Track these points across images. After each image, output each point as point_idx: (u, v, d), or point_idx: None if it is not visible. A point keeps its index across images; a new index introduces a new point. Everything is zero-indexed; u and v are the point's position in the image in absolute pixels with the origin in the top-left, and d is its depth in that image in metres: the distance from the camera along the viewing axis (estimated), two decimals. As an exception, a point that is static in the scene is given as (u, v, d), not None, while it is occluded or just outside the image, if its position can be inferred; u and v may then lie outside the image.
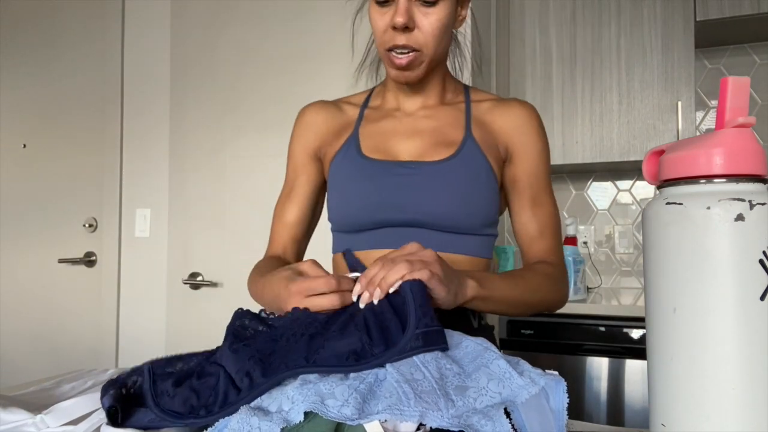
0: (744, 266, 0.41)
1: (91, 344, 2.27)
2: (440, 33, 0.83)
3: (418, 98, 0.93)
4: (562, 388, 0.52)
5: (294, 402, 0.48)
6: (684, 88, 2.00)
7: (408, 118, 0.93)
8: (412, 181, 0.86)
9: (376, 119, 0.94)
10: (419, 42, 0.82)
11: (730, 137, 0.43)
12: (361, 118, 0.95)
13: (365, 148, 0.91)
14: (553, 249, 0.91)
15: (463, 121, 0.91)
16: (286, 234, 0.99)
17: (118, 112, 2.26)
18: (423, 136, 0.90)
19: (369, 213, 0.87)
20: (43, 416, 0.57)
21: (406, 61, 0.83)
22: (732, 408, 0.41)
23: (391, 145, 0.91)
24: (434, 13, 0.81)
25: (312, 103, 1.00)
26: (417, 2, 0.81)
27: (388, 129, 0.92)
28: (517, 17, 2.20)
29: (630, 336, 1.78)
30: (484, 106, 0.93)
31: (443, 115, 0.92)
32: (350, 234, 0.91)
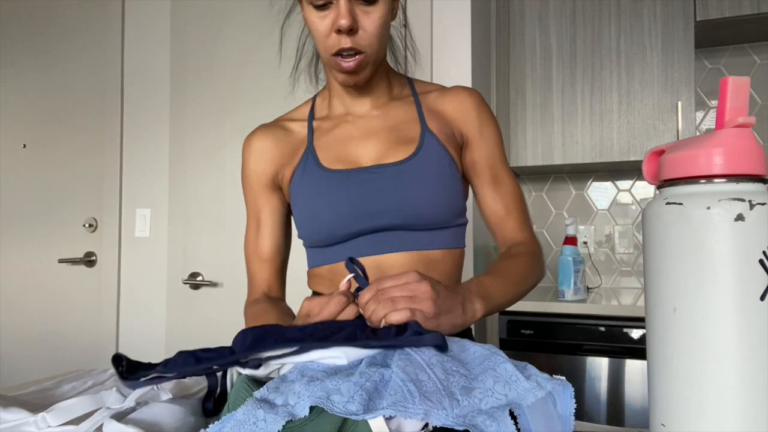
0: (744, 266, 0.41)
1: (91, 344, 2.27)
2: (383, 31, 0.82)
3: (367, 98, 0.91)
4: (570, 393, 0.52)
5: (300, 397, 0.48)
6: (684, 88, 2.00)
7: (360, 120, 0.91)
8: (378, 186, 0.85)
9: (327, 129, 0.92)
10: (364, 43, 0.80)
11: (730, 137, 0.43)
12: (311, 131, 0.92)
13: (324, 159, 0.89)
14: (522, 225, 0.92)
15: (416, 115, 0.90)
16: (266, 271, 0.97)
17: (118, 112, 2.26)
18: (379, 136, 0.89)
19: (341, 225, 0.86)
20: (44, 415, 0.57)
21: (354, 64, 0.81)
22: (732, 408, 0.41)
23: (349, 152, 0.89)
24: (375, 12, 0.80)
25: (255, 131, 0.96)
26: (357, 2, 0.79)
27: (342, 136, 0.90)
28: (517, 17, 2.20)
29: (630, 336, 1.78)
30: (432, 96, 0.92)
31: (395, 112, 0.91)
32: (326, 248, 0.90)
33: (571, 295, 1.90)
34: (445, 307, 0.66)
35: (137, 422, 0.56)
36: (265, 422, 0.45)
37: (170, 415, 0.59)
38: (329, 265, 0.90)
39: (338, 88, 0.91)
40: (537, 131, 2.17)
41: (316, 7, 0.79)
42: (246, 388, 0.54)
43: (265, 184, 0.94)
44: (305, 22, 0.84)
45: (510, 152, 2.20)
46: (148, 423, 0.57)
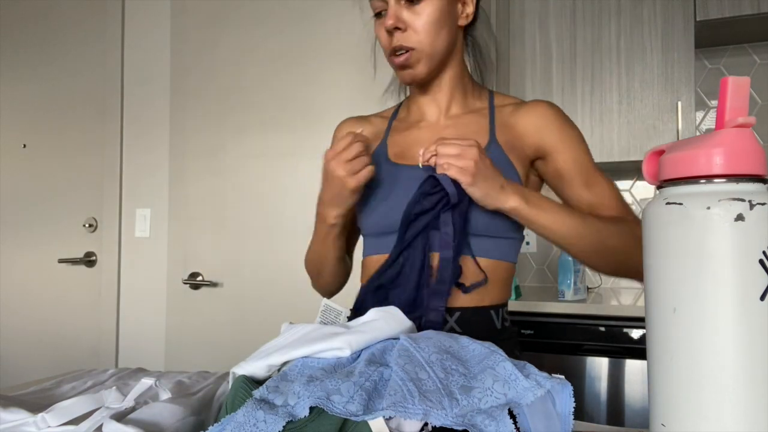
0: (744, 266, 0.41)
1: (91, 344, 2.27)
2: (432, 29, 0.86)
3: (440, 106, 0.96)
4: (569, 392, 0.52)
5: (300, 397, 0.48)
6: (684, 88, 2.00)
7: (432, 127, 0.95)
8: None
9: (402, 129, 0.98)
10: (412, 40, 0.86)
11: (730, 137, 0.43)
12: (389, 129, 0.99)
13: (392, 155, 0.94)
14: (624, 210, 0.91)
15: (487, 127, 0.92)
16: None
17: (118, 112, 2.26)
18: None
19: (391, 215, 0.88)
20: (44, 415, 0.57)
21: (402, 59, 0.87)
22: (732, 408, 0.41)
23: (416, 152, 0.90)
24: (421, 11, 0.85)
25: (345, 120, 1.05)
26: (404, 4, 0.85)
27: (413, 137, 0.95)
28: (517, 17, 2.20)
29: (630, 336, 1.78)
30: (507, 110, 0.94)
31: (467, 123, 0.94)
32: (378, 237, 0.93)
33: (571, 295, 1.89)
34: (484, 174, 0.77)
35: (137, 422, 0.56)
36: (266, 423, 0.45)
37: (170, 415, 0.59)
38: (378, 255, 0.92)
39: (415, 94, 0.98)
40: (537, 131, 2.16)
41: (376, 16, 0.89)
42: (245, 388, 0.54)
43: None
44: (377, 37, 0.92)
45: (510, 152, 2.20)
46: (148, 423, 0.57)
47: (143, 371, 0.91)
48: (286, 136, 2.02)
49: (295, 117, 2.01)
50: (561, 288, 1.92)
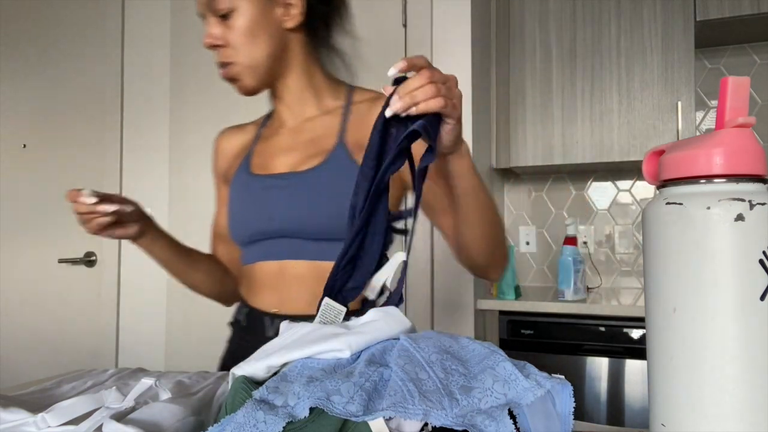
0: (744, 266, 0.41)
1: (91, 344, 2.27)
2: (247, 40, 0.85)
3: (294, 110, 0.94)
4: (569, 392, 0.52)
5: (300, 397, 0.48)
6: (684, 88, 2.00)
7: (290, 133, 0.95)
8: (282, 194, 0.88)
9: (267, 137, 0.98)
10: (229, 55, 0.86)
11: (730, 137, 0.43)
12: (258, 138, 0.99)
13: (254, 165, 0.95)
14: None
15: (337, 128, 0.90)
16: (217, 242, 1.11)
17: (118, 112, 2.26)
18: (299, 149, 0.92)
19: (247, 226, 0.92)
20: (44, 415, 0.57)
21: (223, 73, 0.88)
22: (732, 408, 0.41)
23: (273, 161, 0.94)
24: (233, 24, 0.84)
25: (223, 130, 1.06)
26: (217, 20, 0.85)
27: (274, 145, 0.96)
28: (517, 17, 2.20)
29: (630, 336, 1.78)
30: (364, 106, 0.91)
31: (319, 125, 0.92)
32: (243, 247, 0.96)
33: (571, 295, 1.89)
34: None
35: (137, 422, 0.56)
36: (266, 424, 0.45)
37: (170, 415, 0.59)
38: (246, 265, 0.96)
39: (273, 102, 0.97)
40: (537, 131, 2.17)
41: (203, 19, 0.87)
42: (244, 389, 0.54)
43: (219, 177, 1.06)
44: None
45: (510, 152, 2.20)
46: (148, 423, 0.57)
47: (143, 371, 0.91)
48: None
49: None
50: (561, 288, 1.92)
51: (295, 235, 0.88)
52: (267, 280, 0.92)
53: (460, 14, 1.92)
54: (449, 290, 1.92)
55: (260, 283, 0.93)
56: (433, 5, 1.94)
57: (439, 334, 0.60)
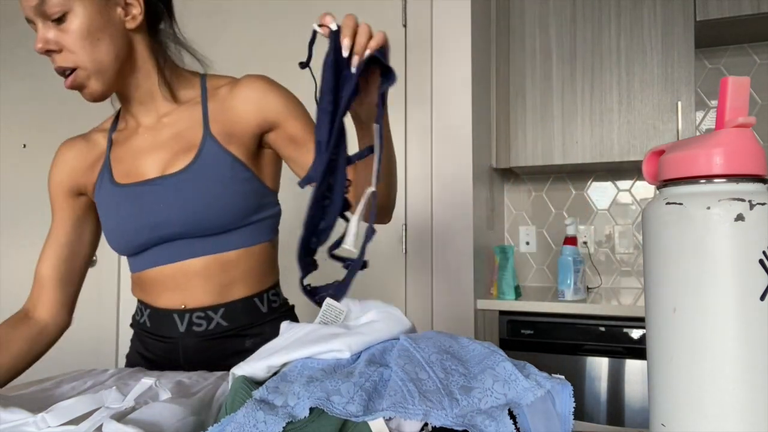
0: (744, 266, 0.41)
1: (91, 344, 2.27)
2: (87, 43, 0.80)
3: (149, 108, 0.91)
4: (569, 392, 0.52)
5: (300, 397, 0.48)
6: (684, 88, 2.00)
7: (149, 132, 0.91)
8: (159, 198, 0.87)
9: (122, 141, 0.93)
10: (70, 60, 0.81)
11: (730, 137, 0.43)
12: (110, 144, 0.94)
13: (117, 174, 0.91)
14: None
15: (200, 119, 0.89)
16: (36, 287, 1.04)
17: (118, 112, 2.26)
18: (165, 147, 0.90)
19: (131, 238, 0.90)
20: (44, 415, 0.57)
21: (70, 81, 0.82)
22: (732, 408, 0.41)
23: (139, 166, 0.91)
24: (68, 28, 0.79)
25: (66, 141, 0.99)
26: (50, 24, 0.79)
27: (134, 149, 0.92)
28: (517, 17, 2.20)
29: (630, 336, 1.78)
30: (222, 92, 0.91)
31: (179, 119, 0.90)
32: (132, 257, 0.95)
33: (571, 295, 1.90)
34: None
35: (137, 422, 0.56)
36: (266, 424, 0.45)
37: (170, 415, 0.59)
38: (138, 272, 0.96)
39: (123, 103, 0.93)
40: (537, 131, 2.17)
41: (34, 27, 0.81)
42: (244, 389, 0.54)
43: (63, 193, 0.97)
44: None
45: (510, 152, 2.20)
46: (148, 423, 0.57)
47: (143, 371, 0.90)
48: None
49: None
50: (561, 288, 1.92)
51: (186, 236, 0.88)
52: (167, 282, 0.92)
53: (460, 14, 1.92)
54: (449, 290, 1.92)
55: (160, 286, 0.93)
56: (433, 5, 1.94)
57: (439, 334, 0.60)
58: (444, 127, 1.94)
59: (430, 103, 1.95)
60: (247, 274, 0.93)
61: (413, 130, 1.96)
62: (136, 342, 1.02)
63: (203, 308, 0.90)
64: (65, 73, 0.82)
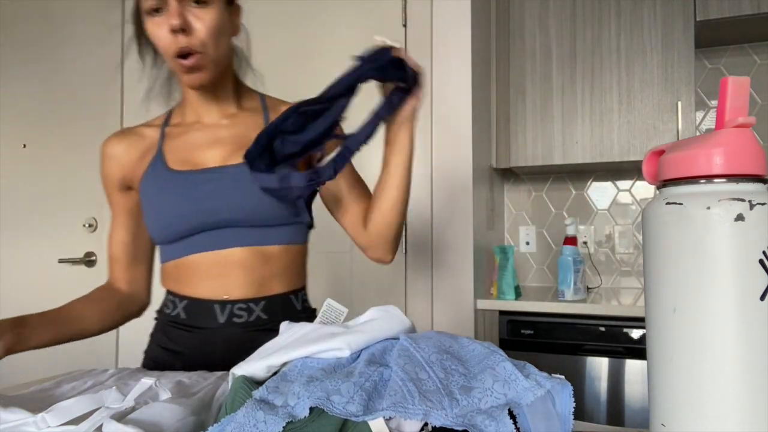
0: (744, 266, 0.41)
1: (91, 344, 2.27)
2: (216, 33, 0.88)
3: (216, 108, 0.99)
4: (569, 392, 0.52)
5: (300, 397, 0.48)
6: (684, 88, 2.00)
7: (210, 128, 0.98)
8: (219, 185, 0.92)
9: (178, 135, 0.99)
10: (197, 43, 0.86)
11: (730, 137, 0.43)
12: (163, 137, 0.99)
13: (171, 162, 0.96)
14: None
15: (262, 125, 0.98)
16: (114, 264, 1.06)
17: (118, 112, 2.26)
18: (225, 143, 0.96)
19: (183, 221, 0.92)
20: (44, 415, 0.57)
21: (192, 62, 0.87)
22: (732, 408, 0.41)
23: (196, 156, 0.96)
24: (206, 14, 0.86)
25: (111, 136, 1.02)
26: (188, 4, 0.85)
27: (191, 141, 0.97)
28: (517, 17, 2.20)
29: (630, 336, 1.78)
30: (281, 109, 1.00)
31: (243, 121, 0.99)
32: (171, 244, 0.96)
33: (571, 295, 1.90)
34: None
35: (137, 422, 0.56)
36: (266, 424, 0.45)
37: (170, 415, 0.59)
38: (175, 260, 0.96)
39: (191, 97, 0.99)
40: (537, 131, 2.17)
41: (151, 12, 0.87)
42: (244, 389, 0.54)
43: (115, 186, 1.02)
44: (150, 37, 0.91)
45: (510, 152, 2.20)
46: (148, 423, 0.57)
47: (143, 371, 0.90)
48: (286, 136, 2.02)
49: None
50: (561, 288, 1.92)
51: (233, 224, 0.92)
52: (207, 269, 0.94)
53: (460, 14, 1.92)
54: (449, 290, 1.92)
55: (199, 274, 0.94)
56: (433, 5, 1.94)
57: (439, 334, 0.60)
58: (444, 127, 1.94)
59: (430, 103, 1.95)
60: (284, 270, 0.97)
61: (413, 130, 1.96)
62: (159, 336, 1.01)
63: (245, 300, 0.93)
64: (184, 55, 0.87)
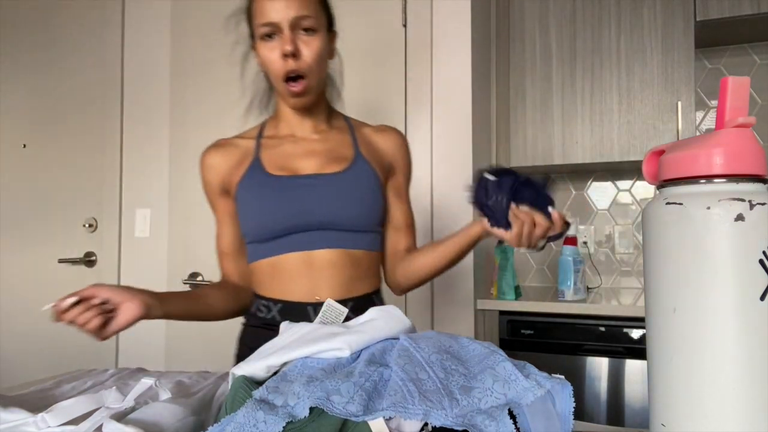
0: (744, 266, 0.41)
1: (91, 344, 2.27)
2: (321, 59, 0.99)
3: (310, 123, 1.08)
4: (569, 392, 0.52)
5: (300, 397, 0.48)
6: (684, 88, 2.00)
7: (303, 141, 1.07)
8: (315, 191, 1.01)
9: (273, 145, 1.07)
10: (305, 67, 0.97)
11: (730, 137, 0.43)
12: (259, 147, 1.08)
13: (269, 168, 1.04)
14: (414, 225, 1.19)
15: (350, 142, 1.08)
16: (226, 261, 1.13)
17: (118, 112, 2.26)
18: (318, 155, 1.05)
19: (280, 221, 1.00)
20: (44, 415, 0.57)
21: (300, 87, 0.98)
22: (732, 408, 0.41)
23: (292, 163, 1.05)
24: (314, 41, 0.97)
25: (209, 147, 1.12)
26: (299, 32, 0.96)
27: (286, 151, 1.06)
28: (517, 17, 2.20)
29: (630, 336, 1.78)
30: (366, 130, 1.12)
31: (333, 137, 1.08)
32: (264, 243, 1.02)
33: (571, 295, 1.89)
34: None
35: (137, 422, 0.56)
36: (266, 424, 0.45)
37: (170, 415, 0.59)
38: (267, 258, 1.02)
39: (286, 113, 1.08)
40: (537, 131, 2.17)
41: (264, 38, 0.98)
42: (245, 389, 0.54)
43: (216, 192, 1.11)
44: (259, 59, 1.02)
45: (510, 152, 2.20)
46: (148, 423, 0.57)
47: (143, 371, 0.91)
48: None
49: (295, 117, 2.02)
50: (561, 288, 1.92)
51: (326, 227, 1.00)
52: (297, 269, 1.00)
53: (460, 14, 1.92)
54: (449, 290, 1.92)
55: (289, 273, 1.00)
56: (433, 5, 1.94)
57: (439, 334, 0.60)
58: (444, 127, 1.94)
59: (430, 103, 1.95)
60: (367, 273, 1.05)
61: (413, 130, 1.96)
62: (251, 339, 1.05)
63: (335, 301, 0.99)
64: (294, 78, 0.97)
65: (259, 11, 0.98)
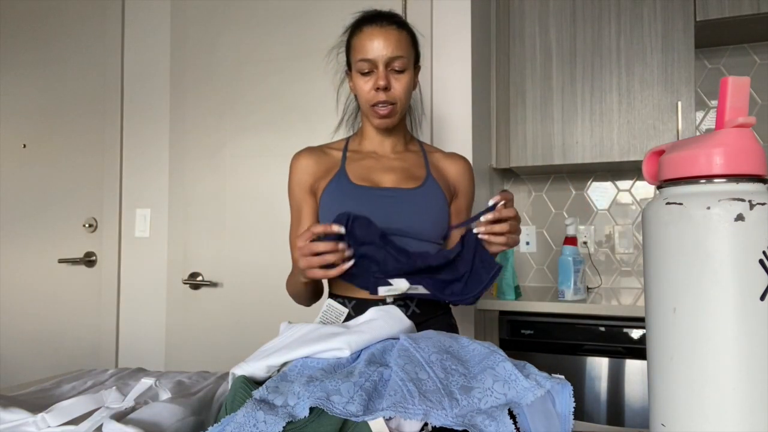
0: (744, 266, 0.41)
1: (91, 344, 2.27)
2: (408, 91, 1.17)
3: (390, 143, 1.24)
4: (569, 392, 0.52)
5: (300, 397, 0.48)
6: (684, 88, 2.00)
7: (383, 158, 1.23)
8: (393, 202, 1.15)
9: (357, 159, 1.22)
10: (395, 97, 1.15)
11: (730, 137, 0.43)
12: (345, 158, 1.22)
13: (353, 178, 1.18)
14: None
15: (423, 164, 1.24)
16: None
17: (118, 112, 2.26)
18: (396, 171, 1.20)
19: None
20: (44, 415, 0.57)
21: (386, 111, 1.15)
22: (732, 408, 0.41)
23: (373, 176, 1.19)
24: (403, 78, 1.15)
25: (302, 150, 1.26)
26: (391, 72, 1.14)
27: (368, 165, 1.21)
28: (517, 17, 2.20)
29: (630, 336, 1.78)
30: (436, 156, 1.28)
31: (408, 158, 1.25)
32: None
33: (571, 295, 1.89)
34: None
35: (137, 422, 0.56)
36: (266, 424, 0.45)
37: (170, 415, 0.59)
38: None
39: (370, 132, 1.24)
40: (537, 131, 2.17)
41: (363, 74, 1.15)
42: (245, 389, 0.54)
43: (304, 189, 1.23)
44: (352, 86, 1.20)
45: (510, 152, 2.20)
46: (148, 423, 0.57)
47: (143, 371, 0.91)
48: (286, 136, 2.02)
49: (294, 117, 2.02)
50: (561, 288, 1.92)
51: (402, 235, 1.12)
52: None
53: (460, 14, 1.92)
54: (449, 290, 1.92)
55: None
56: (433, 5, 1.94)
57: (439, 334, 0.60)
58: (444, 127, 1.94)
59: (431, 103, 1.95)
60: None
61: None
62: None
63: (402, 298, 1.10)
64: (383, 104, 1.14)
65: (359, 47, 1.14)
